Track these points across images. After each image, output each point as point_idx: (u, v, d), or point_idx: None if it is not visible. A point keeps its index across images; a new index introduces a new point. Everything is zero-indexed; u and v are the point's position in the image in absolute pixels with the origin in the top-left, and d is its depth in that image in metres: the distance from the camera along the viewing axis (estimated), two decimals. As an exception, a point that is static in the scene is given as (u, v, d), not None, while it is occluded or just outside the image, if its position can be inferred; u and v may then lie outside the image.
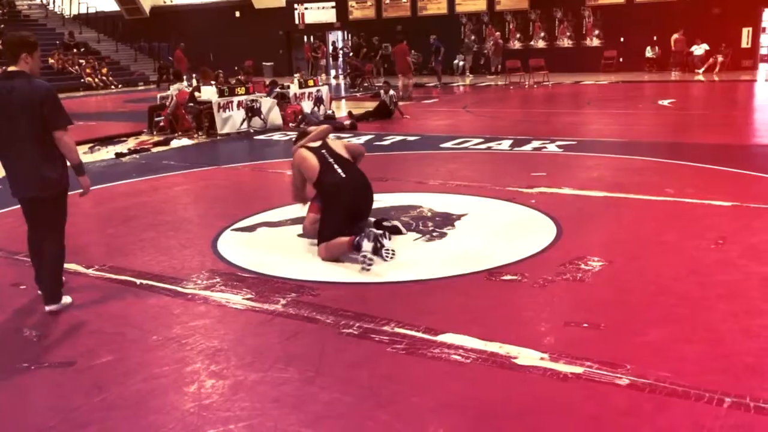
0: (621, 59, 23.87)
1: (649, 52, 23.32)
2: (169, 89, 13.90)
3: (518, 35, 25.83)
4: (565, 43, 25.18)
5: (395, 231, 5.40)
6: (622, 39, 23.82)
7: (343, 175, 5.11)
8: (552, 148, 9.41)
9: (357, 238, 4.71)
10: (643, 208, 6.16)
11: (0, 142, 4.21)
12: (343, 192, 5.05)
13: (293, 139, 5.66)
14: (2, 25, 28.34)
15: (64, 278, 4.50)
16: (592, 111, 14.61)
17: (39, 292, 4.46)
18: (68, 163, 4.32)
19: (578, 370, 3.22)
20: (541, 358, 3.35)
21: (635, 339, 3.55)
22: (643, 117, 13.26)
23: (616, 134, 10.75)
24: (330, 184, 5.08)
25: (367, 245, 4.62)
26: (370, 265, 4.64)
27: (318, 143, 5.44)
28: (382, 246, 4.65)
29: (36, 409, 3.13)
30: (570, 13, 24.87)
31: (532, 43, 25.56)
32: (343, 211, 5.01)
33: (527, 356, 3.38)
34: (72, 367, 3.53)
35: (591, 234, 5.43)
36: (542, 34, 25.47)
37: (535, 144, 9.70)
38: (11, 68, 4.22)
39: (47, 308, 4.28)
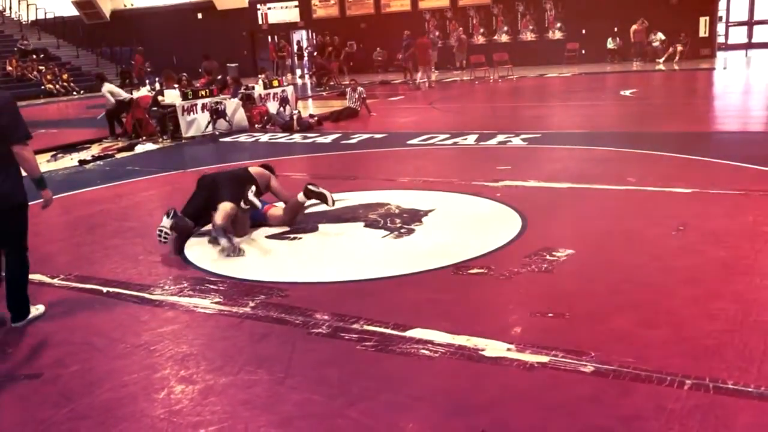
0: (583, 51, 24.19)
1: (610, 44, 23.66)
2: (132, 93, 13.75)
3: (482, 30, 26.00)
4: (528, 36, 25.43)
5: (321, 198, 5.70)
6: (583, 31, 24.13)
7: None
8: (517, 141, 9.51)
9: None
10: (606, 197, 6.26)
11: None
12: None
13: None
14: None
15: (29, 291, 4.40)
16: (556, 103, 14.79)
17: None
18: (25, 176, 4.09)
19: (544, 359, 3.28)
20: (508, 349, 3.41)
21: (600, 327, 3.62)
22: (605, 108, 13.46)
23: (579, 126, 10.90)
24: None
25: (165, 221, 5.40)
26: (163, 238, 5.36)
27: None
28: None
29: (3, 423, 3.09)
30: (532, 7, 25.12)
31: (495, 37, 25.76)
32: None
33: (494, 348, 3.43)
34: (39, 379, 3.49)
35: (556, 225, 5.52)
36: (505, 28, 25.68)
37: (500, 138, 9.79)
38: None
39: (13, 325, 4.17)
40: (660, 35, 22.57)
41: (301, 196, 5.77)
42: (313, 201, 5.84)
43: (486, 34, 25.95)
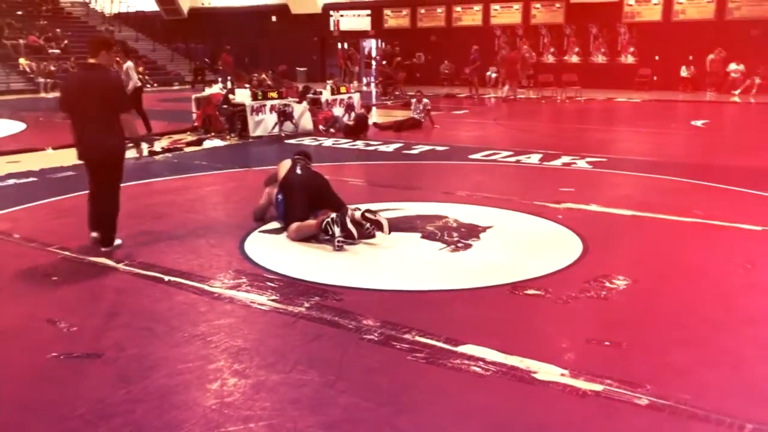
0: (655, 77, 23.64)
1: (684, 72, 23.06)
2: (203, 90, 14.13)
3: (552, 49, 25.73)
4: (599, 59, 25.02)
5: (378, 226, 5.64)
6: (657, 57, 23.60)
7: (299, 173, 6.05)
8: (581, 164, 9.37)
9: (324, 222, 5.45)
10: (670, 228, 6.11)
11: (77, 116, 5.34)
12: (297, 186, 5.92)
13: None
14: (45, 22, 29.04)
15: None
16: (624, 129, 14.51)
17: (93, 235, 5.50)
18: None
19: (597, 387, 3.22)
20: (561, 374, 3.36)
21: (657, 360, 3.54)
22: (675, 137, 13.13)
23: (646, 153, 10.67)
24: (288, 180, 5.99)
25: (337, 230, 5.42)
26: (340, 245, 5.37)
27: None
28: (333, 235, 5.41)
29: (64, 398, 3.22)
30: (605, 29, 24.73)
31: (565, 57, 25.45)
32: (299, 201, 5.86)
33: (547, 371, 3.39)
34: (100, 359, 3.62)
35: (617, 252, 5.42)
36: (576, 49, 25.35)
37: (565, 159, 9.67)
38: (91, 60, 5.45)
39: (102, 249, 5.37)
40: (738, 66, 21.89)
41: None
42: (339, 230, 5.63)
43: (556, 54, 25.67)
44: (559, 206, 6.81)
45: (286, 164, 6.22)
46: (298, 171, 6.08)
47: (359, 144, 11.70)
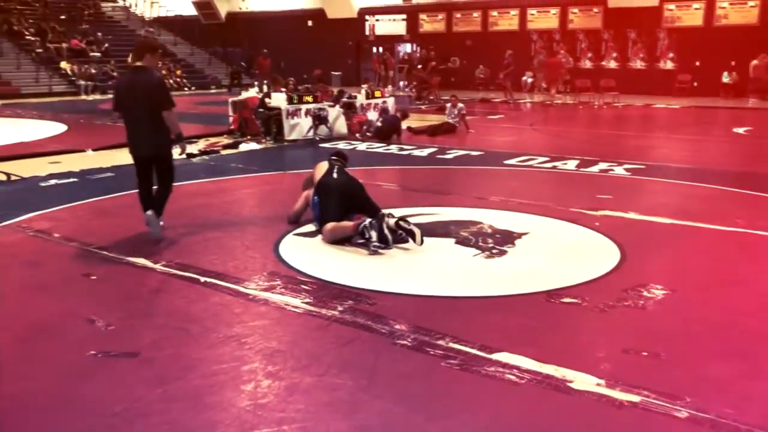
0: (695, 83, 23.21)
1: (725, 78, 22.61)
2: (240, 94, 14.29)
3: (589, 54, 25.45)
4: (638, 64, 24.67)
5: (410, 235, 5.56)
6: (697, 63, 23.18)
7: (336, 176, 6.12)
8: (619, 170, 9.24)
9: (362, 226, 5.50)
10: (711, 237, 5.98)
11: (128, 116, 5.86)
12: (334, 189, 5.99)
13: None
14: (87, 26, 29.69)
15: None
16: (663, 135, 14.27)
17: (148, 213, 5.91)
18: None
19: (635, 398, 3.16)
20: (597, 384, 3.30)
21: (697, 372, 3.46)
22: (716, 144, 12.88)
23: (686, 160, 10.47)
24: (324, 182, 6.06)
25: (374, 234, 5.47)
26: (375, 250, 5.43)
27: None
28: (369, 239, 5.48)
29: (102, 396, 3.26)
30: (644, 34, 24.38)
31: (603, 63, 25.14)
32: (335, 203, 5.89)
33: (583, 381, 3.34)
34: (136, 358, 3.66)
35: (656, 261, 5.32)
36: (614, 55, 25.03)
37: (602, 165, 9.55)
38: (138, 63, 5.91)
39: (148, 213, 5.91)
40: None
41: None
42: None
43: (594, 59, 25.38)
44: (596, 213, 6.71)
45: (323, 166, 6.29)
46: (335, 175, 6.13)
47: (393, 148, 11.71)
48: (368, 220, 5.58)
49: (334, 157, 6.40)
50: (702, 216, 6.59)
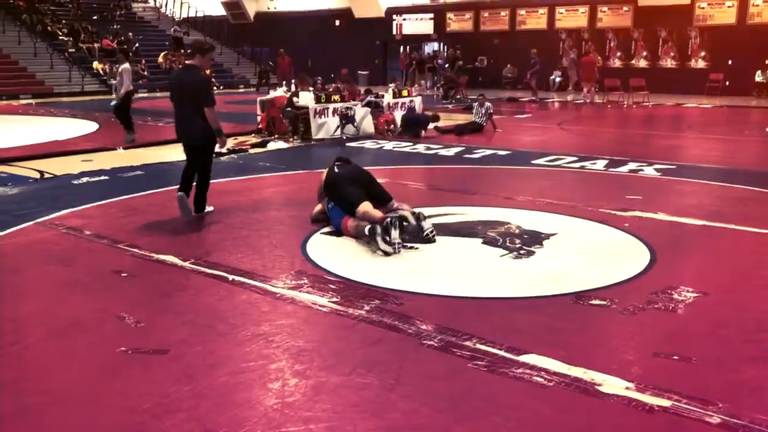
0: (727, 83, 22.83)
1: (759, 77, 22.21)
2: (268, 93, 14.36)
3: (618, 53, 25.16)
4: (668, 63, 24.33)
5: (404, 220, 5.62)
6: (729, 62, 22.79)
7: (337, 170, 6.23)
8: (649, 171, 9.12)
9: (388, 219, 5.43)
10: (744, 239, 5.88)
11: (175, 108, 6.60)
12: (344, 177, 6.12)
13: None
14: (119, 26, 30.11)
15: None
16: (694, 135, 14.05)
17: (179, 194, 6.54)
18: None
19: (665, 403, 3.12)
20: (627, 388, 3.26)
21: (730, 376, 3.40)
22: (748, 144, 12.65)
23: (718, 160, 10.30)
24: (330, 179, 6.19)
25: (394, 234, 5.38)
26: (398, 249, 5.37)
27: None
28: (389, 235, 5.37)
29: (132, 392, 3.30)
30: (675, 33, 24.03)
31: (633, 62, 24.84)
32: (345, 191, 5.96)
33: (612, 384, 3.30)
34: (165, 355, 3.70)
35: (687, 263, 5.24)
36: (644, 54, 24.71)
37: (632, 166, 9.43)
38: (189, 62, 6.74)
39: (196, 214, 6.65)
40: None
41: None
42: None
43: (623, 58, 25.08)
44: (626, 214, 6.63)
45: (326, 171, 6.38)
46: (336, 169, 6.24)
47: (420, 147, 11.69)
48: (393, 215, 5.53)
49: (337, 162, 6.42)
50: (734, 218, 6.47)
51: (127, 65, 12.09)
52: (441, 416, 3.06)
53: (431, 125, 13.37)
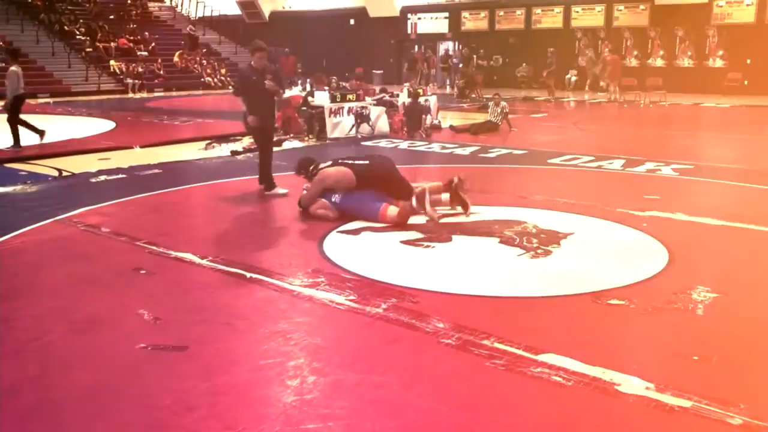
0: (746, 82, 22.57)
1: (778, 75, 21.95)
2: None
3: (635, 52, 24.97)
4: (686, 62, 24.11)
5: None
6: (748, 60, 22.55)
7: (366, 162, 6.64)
8: (667, 171, 9.05)
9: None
10: (763, 240, 5.82)
11: (242, 99, 7.78)
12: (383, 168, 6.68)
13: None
14: (135, 25, 30.31)
15: None
16: (712, 135, 13.93)
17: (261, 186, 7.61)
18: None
19: (686, 403, 3.09)
20: (647, 388, 3.24)
21: (752, 377, 3.37)
22: (767, 144, 12.51)
23: (737, 160, 10.20)
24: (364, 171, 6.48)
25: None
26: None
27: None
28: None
29: (152, 388, 3.33)
30: (693, 32, 23.81)
31: (649, 61, 24.64)
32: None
33: (631, 384, 3.28)
34: (184, 352, 3.73)
35: (706, 264, 5.20)
36: (661, 52, 24.51)
37: (649, 166, 9.36)
38: (251, 61, 7.81)
39: (266, 193, 7.55)
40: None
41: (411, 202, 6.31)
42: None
43: (640, 57, 24.89)
44: (644, 214, 6.59)
45: (340, 168, 6.47)
46: (359, 162, 6.58)
47: (435, 147, 11.68)
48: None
49: (340, 160, 6.70)
50: (754, 218, 6.41)
51: (14, 68, 11.05)
52: (459, 415, 3.06)
53: (445, 124, 13.34)
